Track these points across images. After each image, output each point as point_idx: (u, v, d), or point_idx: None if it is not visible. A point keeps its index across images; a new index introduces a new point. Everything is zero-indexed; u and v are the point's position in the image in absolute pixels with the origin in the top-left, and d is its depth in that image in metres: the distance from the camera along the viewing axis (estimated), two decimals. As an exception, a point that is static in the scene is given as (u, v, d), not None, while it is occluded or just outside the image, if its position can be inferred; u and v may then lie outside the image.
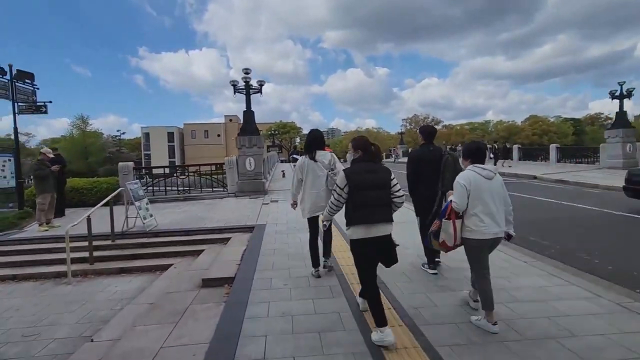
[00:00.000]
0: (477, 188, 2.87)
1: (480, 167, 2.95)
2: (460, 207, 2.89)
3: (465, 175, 2.93)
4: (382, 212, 2.82)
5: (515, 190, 12.19)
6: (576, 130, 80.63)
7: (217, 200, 10.68)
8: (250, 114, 11.58)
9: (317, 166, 4.05)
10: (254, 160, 11.35)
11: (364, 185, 2.82)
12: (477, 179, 2.88)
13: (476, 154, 3.03)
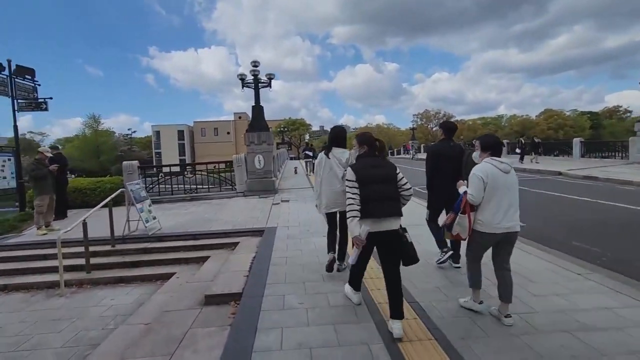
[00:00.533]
0: (494, 181, 2.82)
1: (498, 160, 2.89)
2: (476, 199, 2.84)
3: (483, 168, 2.87)
4: (389, 206, 2.82)
5: (542, 187, 11.38)
6: (593, 124, 78.20)
7: (225, 200, 10.16)
8: (259, 109, 11.01)
9: (333, 163, 4.00)
10: (264, 157, 10.79)
11: (369, 180, 2.83)
12: (495, 172, 2.83)
13: (494, 147, 2.98)
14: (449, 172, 3.89)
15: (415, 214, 5.93)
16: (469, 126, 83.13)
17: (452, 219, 3.03)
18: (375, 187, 2.83)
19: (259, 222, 7.26)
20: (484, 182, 2.82)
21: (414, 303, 3.37)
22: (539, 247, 5.10)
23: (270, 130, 11.16)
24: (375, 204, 2.79)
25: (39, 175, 7.02)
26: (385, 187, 2.86)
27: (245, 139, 10.84)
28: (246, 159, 10.85)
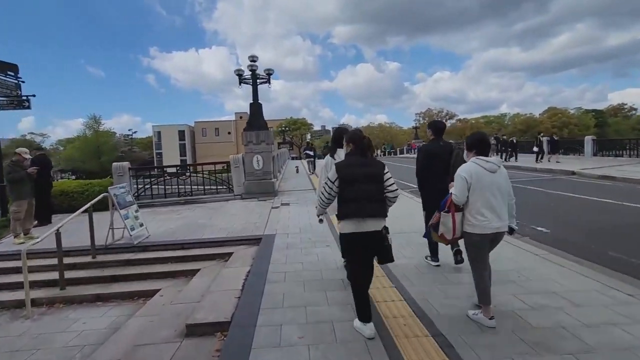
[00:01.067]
0: (479, 181, 2.77)
1: (483, 160, 2.83)
2: (459, 200, 2.81)
3: (467, 168, 2.83)
4: (373, 206, 2.74)
5: (558, 188, 10.70)
6: (598, 122, 77.34)
7: (222, 204, 9.55)
8: (257, 107, 10.39)
9: None
10: (262, 158, 10.18)
11: (354, 179, 2.76)
12: (480, 172, 2.79)
13: (480, 146, 2.91)
14: (440, 172, 3.82)
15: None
16: (472, 125, 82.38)
17: (438, 218, 2.99)
18: (359, 186, 2.75)
19: (256, 228, 6.64)
20: (467, 182, 2.77)
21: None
22: (574, 260, 4.46)
23: (269, 129, 10.54)
24: (359, 204, 2.71)
25: (15, 178, 6.43)
26: (370, 186, 2.77)
27: (243, 138, 10.22)
28: (244, 160, 10.24)
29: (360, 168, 2.81)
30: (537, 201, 8.95)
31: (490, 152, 2.99)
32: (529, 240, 5.69)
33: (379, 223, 2.77)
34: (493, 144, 22.66)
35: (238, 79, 10.33)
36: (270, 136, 10.27)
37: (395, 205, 3.03)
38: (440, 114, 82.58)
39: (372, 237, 2.75)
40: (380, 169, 2.85)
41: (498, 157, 3.90)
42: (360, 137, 2.96)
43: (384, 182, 2.82)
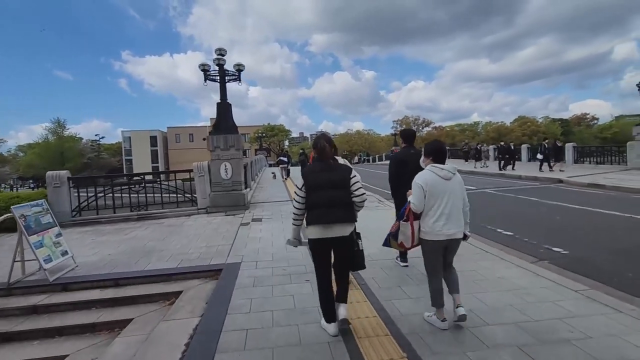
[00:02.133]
0: (434, 188, 2.80)
1: (438, 167, 2.87)
2: (417, 207, 2.83)
3: (422, 176, 2.88)
4: (339, 212, 2.74)
5: (548, 196, 9.99)
6: (564, 130, 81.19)
7: (182, 220, 8.12)
8: (225, 107, 9.07)
9: None
10: (232, 166, 8.84)
11: (319, 185, 2.77)
12: (435, 179, 2.82)
13: (436, 154, 2.95)
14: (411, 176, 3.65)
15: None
16: (447, 132, 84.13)
17: (397, 227, 3.01)
18: (324, 192, 2.75)
19: (217, 254, 5.32)
20: (423, 189, 2.81)
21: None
22: (625, 298, 3.46)
23: (240, 133, 9.23)
24: (321, 210, 2.72)
25: None
26: (335, 192, 2.76)
27: (208, 142, 8.86)
28: (210, 168, 8.86)
29: (325, 174, 2.80)
30: (535, 213, 8.12)
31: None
32: (549, 265, 4.73)
33: (346, 228, 2.76)
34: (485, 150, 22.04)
35: (203, 75, 8.99)
36: (240, 141, 8.97)
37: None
38: (416, 121, 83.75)
39: (339, 242, 2.76)
40: (346, 173, 2.83)
41: (452, 165, 3.10)
42: (324, 143, 2.92)
43: (351, 187, 2.80)
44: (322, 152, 2.88)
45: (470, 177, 16.98)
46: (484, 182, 14.89)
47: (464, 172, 18.12)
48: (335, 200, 2.74)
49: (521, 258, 4.92)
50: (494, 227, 6.84)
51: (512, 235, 6.32)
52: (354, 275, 3.97)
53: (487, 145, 23.56)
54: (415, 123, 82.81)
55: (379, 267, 4.39)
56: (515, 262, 4.61)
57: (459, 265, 3.36)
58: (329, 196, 2.73)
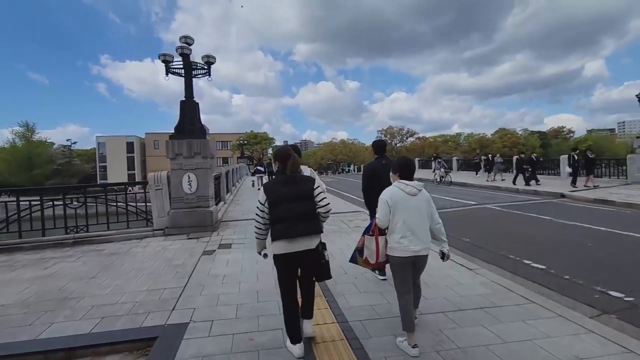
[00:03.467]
0: (399, 204, 2.80)
1: (404, 183, 2.87)
2: (382, 223, 2.84)
3: (389, 191, 2.88)
4: (304, 225, 2.67)
5: (562, 215, 8.83)
6: (542, 142, 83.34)
7: (130, 245, 6.44)
8: (190, 107, 7.50)
9: None
10: (196, 177, 7.25)
11: (282, 198, 2.70)
12: (400, 195, 2.82)
13: (403, 170, 2.96)
14: (383, 186, 3.27)
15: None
16: (430, 143, 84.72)
17: (363, 242, 3.00)
18: (287, 205, 2.68)
19: (160, 305, 3.74)
20: (388, 205, 2.80)
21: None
22: None
23: (209, 138, 7.66)
24: (287, 224, 2.64)
25: None
26: (299, 204, 2.69)
27: (168, 149, 7.24)
28: (169, 179, 7.24)
29: (287, 186, 2.75)
30: (557, 236, 6.89)
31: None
32: (621, 323, 3.41)
33: (312, 241, 2.71)
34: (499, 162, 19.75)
35: (165, 68, 7.42)
36: (208, 147, 7.39)
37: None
38: (401, 131, 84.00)
39: (305, 256, 2.70)
40: (310, 184, 2.80)
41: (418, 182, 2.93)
42: (286, 154, 2.87)
43: (315, 198, 2.76)
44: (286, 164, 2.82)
45: (482, 192, 15.89)
46: (490, 197, 13.75)
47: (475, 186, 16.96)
48: (300, 213, 2.69)
49: (574, 308, 3.61)
50: (519, 257, 5.55)
51: (546, 269, 5.02)
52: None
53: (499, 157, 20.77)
54: (399, 133, 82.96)
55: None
56: (577, 319, 3.26)
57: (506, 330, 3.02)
58: (293, 209, 2.67)
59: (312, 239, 2.71)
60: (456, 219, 9.21)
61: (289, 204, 2.68)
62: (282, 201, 2.69)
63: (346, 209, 9.93)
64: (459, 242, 6.63)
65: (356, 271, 4.42)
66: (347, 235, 6.62)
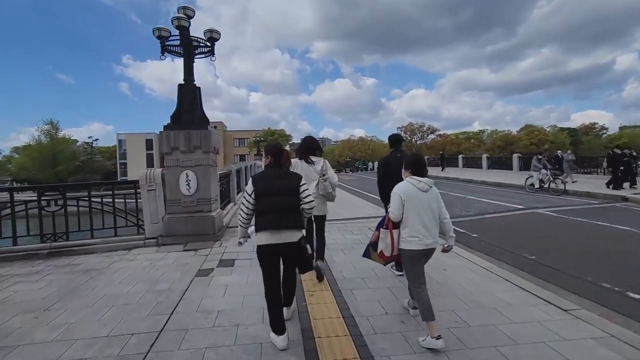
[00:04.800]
0: (412, 199, 2.88)
1: (416, 179, 2.95)
2: (396, 217, 2.90)
3: (401, 186, 2.96)
4: (287, 218, 2.77)
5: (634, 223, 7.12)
6: (573, 140, 79.11)
7: (114, 259, 5.28)
8: (189, 92, 6.26)
9: (309, 170, 4.08)
10: (196, 176, 6.03)
11: (269, 192, 2.80)
12: (412, 191, 2.90)
13: (415, 166, 3.03)
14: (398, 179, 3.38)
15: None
16: (452, 140, 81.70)
17: (377, 236, 3.06)
18: (272, 199, 2.78)
19: (129, 349, 2.49)
20: (401, 199, 2.87)
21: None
22: None
23: (212, 128, 6.40)
24: (270, 216, 2.75)
25: None
26: (284, 199, 2.79)
27: (162, 141, 6.04)
28: (164, 178, 6.05)
29: (275, 180, 2.84)
30: None
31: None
32: None
33: (294, 235, 2.80)
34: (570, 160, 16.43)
35: (160, 45, 6.22)
36: (210, 139, 6.14)
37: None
38: (421, 128, 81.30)
39: (287, 248, 2.79)
40: (296, 180, 2.89)
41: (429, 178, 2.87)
42: (278, 150, 2.99)
43: (300, 194, 2.85)
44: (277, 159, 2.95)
45: (516, 192, 14.10)
46: (538, 200, 11.99)
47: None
48: (284, 206, 2.77)
49: None
50: (620, 288, 4.04)
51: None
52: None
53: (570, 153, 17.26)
54: (420, 130, 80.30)
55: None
56: None
57: None
58: (278, 202, 2.76)
59: (294, 233, 2.80)
60: (506, 227, 7.66)
61: (275, 197, 2.78)
62: (269, 194, 2.79)
63: (373, 214, 8.56)
64: (523, 260, 5.16)
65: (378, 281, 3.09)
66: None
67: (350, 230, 6.72)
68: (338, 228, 6.91)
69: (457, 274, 4.40)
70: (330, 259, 4.92)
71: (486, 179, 18.65)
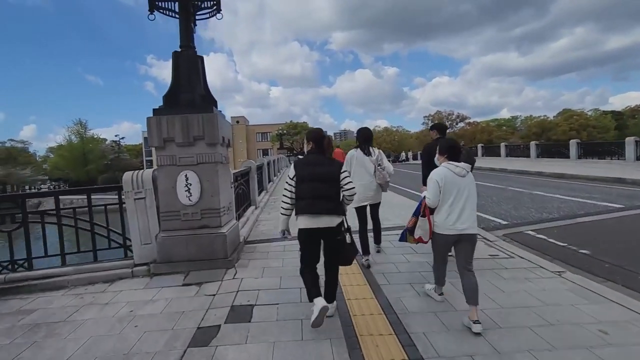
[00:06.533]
0: (449, 184, 2.88)
1: (453, 165, 2.95)
2: (432, 202, 2.94)
3: (439, 172, 2.96)
4: (324, 204, 2.80)
5: None
6: (618, 124, 73.16)
7: (82, 300, 3.68)
8: (188, 62, 4.48)
9: (366, 160, 4.25)
10: (199, 178, 4.32)
11: (308, 177, 2.85)
12: (450, 176, 2.90)
13: (451, 151, 3.03)
14: None
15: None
16: (483, 128, 77.29)
17: (414, 222, 3.14)
18: (312, 184, 2.83)
19: None
20: (439, 185, 2.88)
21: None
22: None
23: (217, 111, 4.67)
24: (308, 201, 2.81)
25: None
26: (322, 185, 2.83)
27: (151, 132, 4.28)
28: (156, 182, 4.38)
29: (316, 167, 2.88)
30: None
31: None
32: None
33: (332, 220, 2.81)
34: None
35: (148, 1, 4.53)
36: (216, 126, 4.33)
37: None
38: (450, 116, 77.25)
39: (325, 233, 2.83)
40: (336, 168, 2.90)
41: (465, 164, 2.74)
42: (320, 136, 3.01)
43: (340, 181, 2.87)
44: (319, 146, 2.97)
45: (584, 185, 11.68)
46: (608, 192, 9.60)
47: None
48: (324, 192, 2.80)
49: None
50: None
51: None
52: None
53: None
54: (448, 118, 76.27)
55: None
56: None
57: None
58: (318, 188, 2.80)
59: (332, 218, 2.81)
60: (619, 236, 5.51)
61: (315, 183, 2.82)
62: (309, 179, 2.84)
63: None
64: None
65: None
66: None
67: (412, 249, 4.83)
68: (391, 242, 5.05)
69: (621, 335, 2.48)
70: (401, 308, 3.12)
71: (542, 170, 16.14)
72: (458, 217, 2.84)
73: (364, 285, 3.71)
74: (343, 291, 3.52)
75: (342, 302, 3.31)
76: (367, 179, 4.20)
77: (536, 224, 6.71)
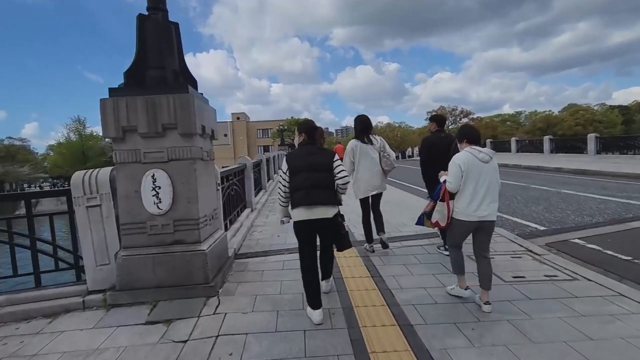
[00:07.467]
0: (471, 169, 2.82)
1: (477, 149, 2.88)
2: (454, 187, 2.87)
3: (462, 156, 2.88)
4: (320, 194, 2.79)
5: None
6: (625, 119, 72.19)
7: (6, 348, 2.70)
8: (157, 28, 3.45)
9: (369, 148, 4.26)
10: (172, 179, 3.32)
11: (301, 168, 2.83)
12: (473, 161, 2.83)
13: (471, 136, 2.97)
14: (442, 159, 3.68)
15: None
16: (487, 123, 76.00)
17: (432, 206, 3.11)
18: (305, 175, 2.80)
19: None
20: (461, 169, 2.82)
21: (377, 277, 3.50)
22: None
23: (200, 93, 3.63)
24: (303, 192, 2.78)
25: None
26: (316, 175, 2.81)
27: (106, 119, 3.25)
28: (114, 185, 3.37)
29: (308, 157, 2.86)
30: None
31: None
32: None
33: (328, 211, 2.81)
34: None
35: None
36: (192, 110, 3.29)
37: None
38: (454, 111, 75.85)
39: (321, 224, 2.82)
40: (329, 158, 2.89)
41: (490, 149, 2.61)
42: (311, 127, 3.00)
43: (333, 170, 2.85)
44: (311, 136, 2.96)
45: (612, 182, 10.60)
46: None
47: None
48: (317, 183, 2.78)
49: None
50: None
51: None
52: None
53: None
54: (452, 114, 74.89)
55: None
56: None
57: None
58: (311, 179, 2.78)
59: (328, 209, 2.81)
60: None
61: (308, 173, 2.79)
62: (302, 170, 2.81)
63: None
64: None
65: None
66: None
67: (443, 266, 3.80)
68: (406, 255, 4.04)
69: None
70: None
71: (560, 166, 15.13)
72: (480, 204, 2.80)
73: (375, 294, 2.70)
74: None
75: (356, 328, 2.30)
76: (374, 168, 4.21)
77: (581, 230, 5.69)
